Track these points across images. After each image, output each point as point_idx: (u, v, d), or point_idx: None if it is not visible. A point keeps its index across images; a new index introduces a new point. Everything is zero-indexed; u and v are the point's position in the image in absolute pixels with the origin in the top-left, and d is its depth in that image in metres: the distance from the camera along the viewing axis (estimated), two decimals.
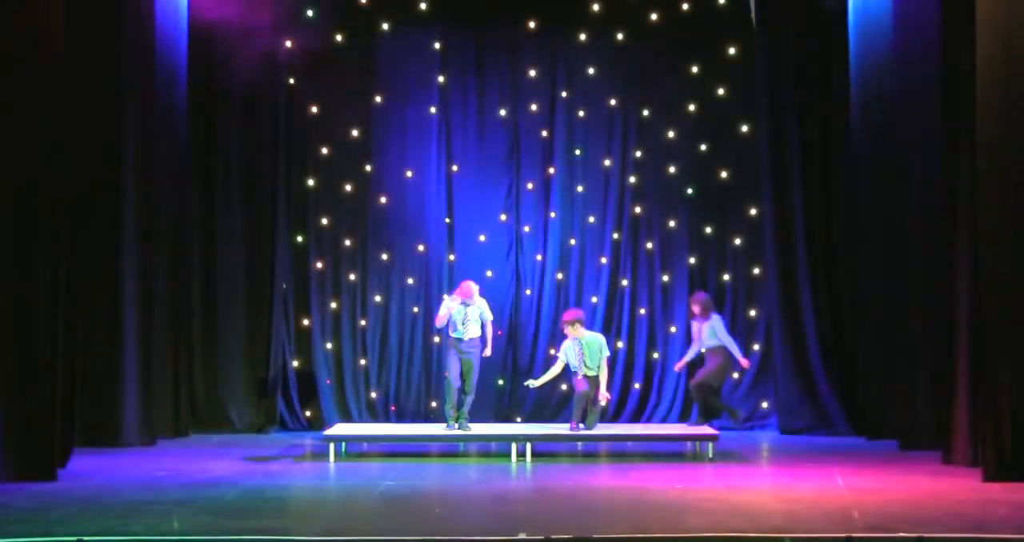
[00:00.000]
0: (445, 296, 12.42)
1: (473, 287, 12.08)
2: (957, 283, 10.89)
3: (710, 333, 12.77)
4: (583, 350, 11.82)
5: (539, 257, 14.33)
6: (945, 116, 11.22)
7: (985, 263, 10.08)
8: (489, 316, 12.13)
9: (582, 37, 14.40)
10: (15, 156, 9.91)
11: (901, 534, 7.74)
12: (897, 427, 12.38)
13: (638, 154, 14.42)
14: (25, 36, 9.96)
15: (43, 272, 10.01)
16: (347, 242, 14.25)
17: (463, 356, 11.92)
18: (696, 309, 12.89)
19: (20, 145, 9.93)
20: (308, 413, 14.00)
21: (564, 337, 12.04)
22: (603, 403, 12.00)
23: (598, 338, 12.03)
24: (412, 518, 8.66)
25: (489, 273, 14.22)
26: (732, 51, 14.34)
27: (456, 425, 11.89)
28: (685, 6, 14.37)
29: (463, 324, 11.92)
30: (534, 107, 14.38)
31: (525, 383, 12.35)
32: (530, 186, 14.36)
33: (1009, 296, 9.98)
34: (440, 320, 12.06)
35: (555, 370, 12.05)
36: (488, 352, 12.21)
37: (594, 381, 11.83)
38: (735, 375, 13.62)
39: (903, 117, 12.32)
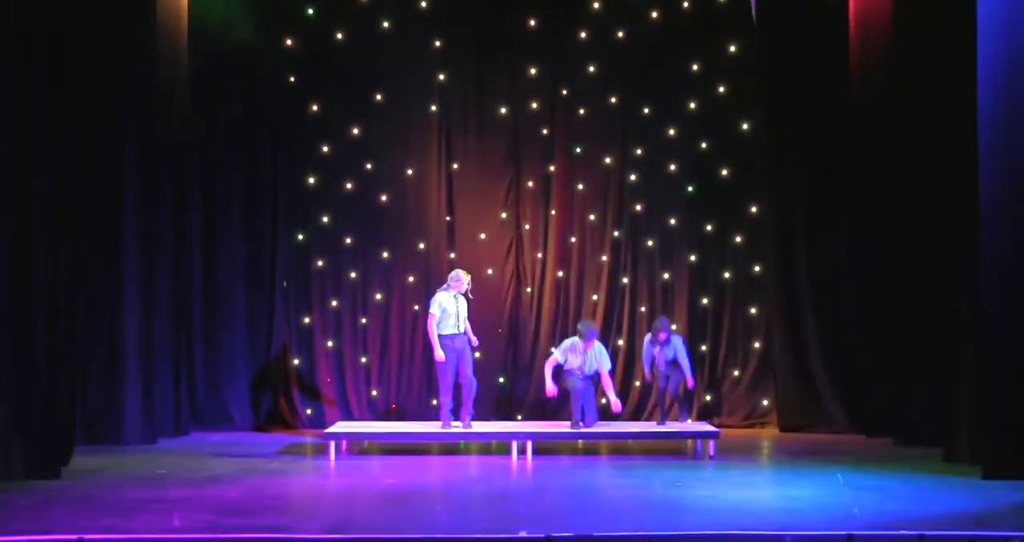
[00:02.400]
0: (444, 294, 11.88)
1: (464, 276, 11.95)
2: (957, 281, 10.89)
3: (672, 352, 12.47)
4: (586, 358, 11.82)
5: (539, 255, 14.33)
6: (945, 116, 11.22)
7: (985, 261, 10.08)
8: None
9: (582, 35, 14.41)
10: (15, 156, 9.91)
11: (902, 532, 7.74)
12: (897, 425, 12.39)
13: (638, 152, 14.42)
14: (26, 37, 9.96)
15: (44, 271, 10.01)
16: (347, 240, 14.26)
17: (459, 351, 11.83)
18: (663, 336, 12.27)
19: (20, 146, 9.93)
20: (309, 411, 14.01)
21: (564, 336, 12.03)
22: (617, 408, 12.05)
23: (603, 350, 12.05)
24: (412, 516, 8.66)
25: (489, 271, 14.22)
26: (732, 49, 14.34)
27: (451, 423, 11.84)
28: (685, 4, 14.38)
29: (457, 318, 11.84)
30: (534, 105, 14.38)
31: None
32: (530, 184, 14.36)
33: (1009, 294, 9.98)
34: (431, 321, 11.74)
35: (549, 371, 11.96)
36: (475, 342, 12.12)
37: (589, 383, 11.87)
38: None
39: (903, 116, 12.32)
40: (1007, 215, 9.98)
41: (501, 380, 14.10)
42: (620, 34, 14.39)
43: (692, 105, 14.39)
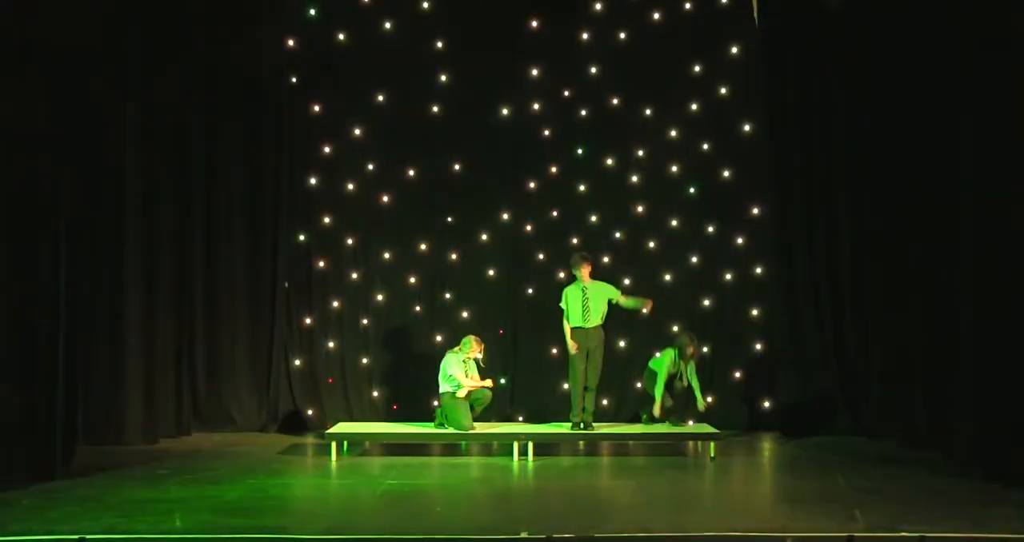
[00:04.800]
0: (456, 356, 12.19)
1: (478, 344, 12.23)
2: (958, 282, 10.90)
3: (692, 369, 12.69)
4: (588, 297, 11.76)
5: (541, 256, 14.33)
6: (946, 115, 11.23)
7: (986, 262, 10.09)
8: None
9: (584, 36, 14.41)
10: (16, 157, 9.93)
11: (902, 533, 7.75)
12: (897, 426, 12.39)
13: (640, 153, 14.42)
14: (25, 37, 9.97)
15: (45, 270, 10.02)
16: (349, 241, 14.26)
17: (469, 396, 12.01)
18: (692, 350, 12.56)
19: (21, 148, 9.94)
20: (310, 412, 14.01)
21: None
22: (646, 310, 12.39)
23: (605, 286, 12.03)
24: (413, 517, 8.67)
25: (491, 272, 14.23)
26: (734, 50, 14.34)
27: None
28: (687, 5, 14.37)
29: (468, 378, 12.10)
30: (536, 106, 14.38)
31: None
32: (532, 185, 14.36)
33: (1009, 295, 9.99)
34: (466, 385, 12.00)
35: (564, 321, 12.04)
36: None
37: (595, 333, 11.76)
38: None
39: (904, 116, 12.33)
40: (1007, 214, 9.99)
41: (502, 381, 14.09)
42: (622, 35, 14.39)
43: (693, 106, 14.38)
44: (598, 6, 14.40)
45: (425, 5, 14.33)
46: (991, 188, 10.09)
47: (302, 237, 14.23)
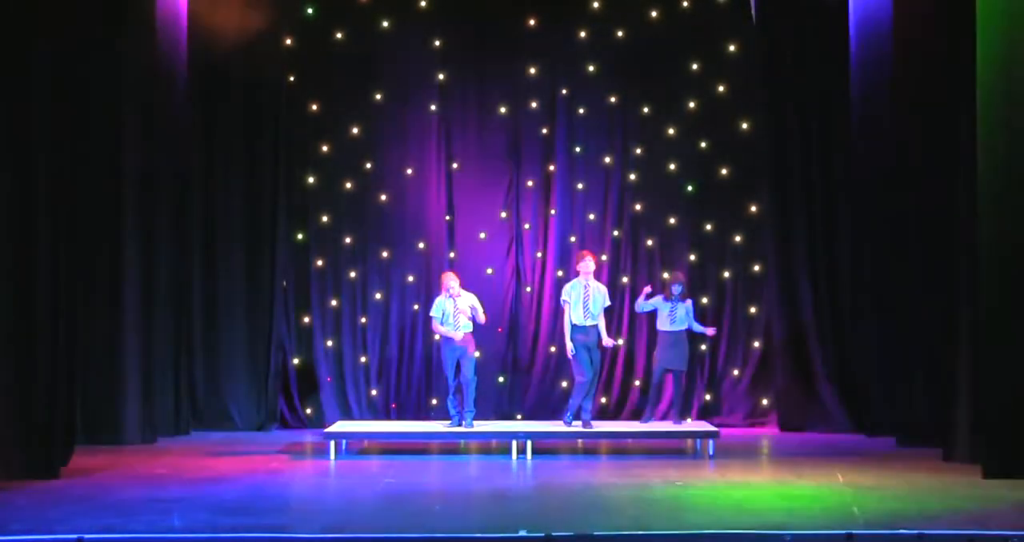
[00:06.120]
0: (439, 298, 12.11)
1: (450, 279, 11.97)
2: (957, 280, 10.90)
3: (685, 315, 12.70)
4: (590, 294, 11.80)
5: (539, 254, 14.34)
6: (945, 114, 11.22)
7: (985, 260, 10.08)
8: (479, 308, 12.01)
9: (582, 34, 14.41)
10: (16, 157, 9.92)
11: (901, 531, 7.75)
12: (897, 424, 12.39)
13: (638, 151, 14.42)
14: (26, 38, 9.95)
15: (44, 270, 10.01)
16: (347, 240, 14.26)
17: (455, 351, 11.89)
18: (677, 289, 12.62)
19: (21, 148, 9.93)
20: (309, 410, 14.01)
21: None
22: (611, 344, 12.26)
23: (603, 287, 12.15)
24: (412, 515, 8.67)
25: (489, 271, 14.23)
26: (732, 48, 14.35)
27: (461, 422, 11.88)
28: (685, 3, 14.38)
29: (453, 318, 11.89)
30: (534, 105, 14.38)
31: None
32: (530, 184, 14.36)
33: (1009, 293, 9.98)
34: (434, 322, 12.00)
35: (567, 316, 12.04)
36: (482, 318, 12.04)
37: (593, 331, 11.89)
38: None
39: (903, 114, 12.32)
40: (1007, 212, 9.98)
41: (501, 380, 14.11)
42: (620, 33, 14.39)
43: (692, 104, 14.39)
44: (596, 4, 14.40)
45: (423, 3, 14.33)
46: (991, 183, 10.07)
47: (300, 236, 14.23)
